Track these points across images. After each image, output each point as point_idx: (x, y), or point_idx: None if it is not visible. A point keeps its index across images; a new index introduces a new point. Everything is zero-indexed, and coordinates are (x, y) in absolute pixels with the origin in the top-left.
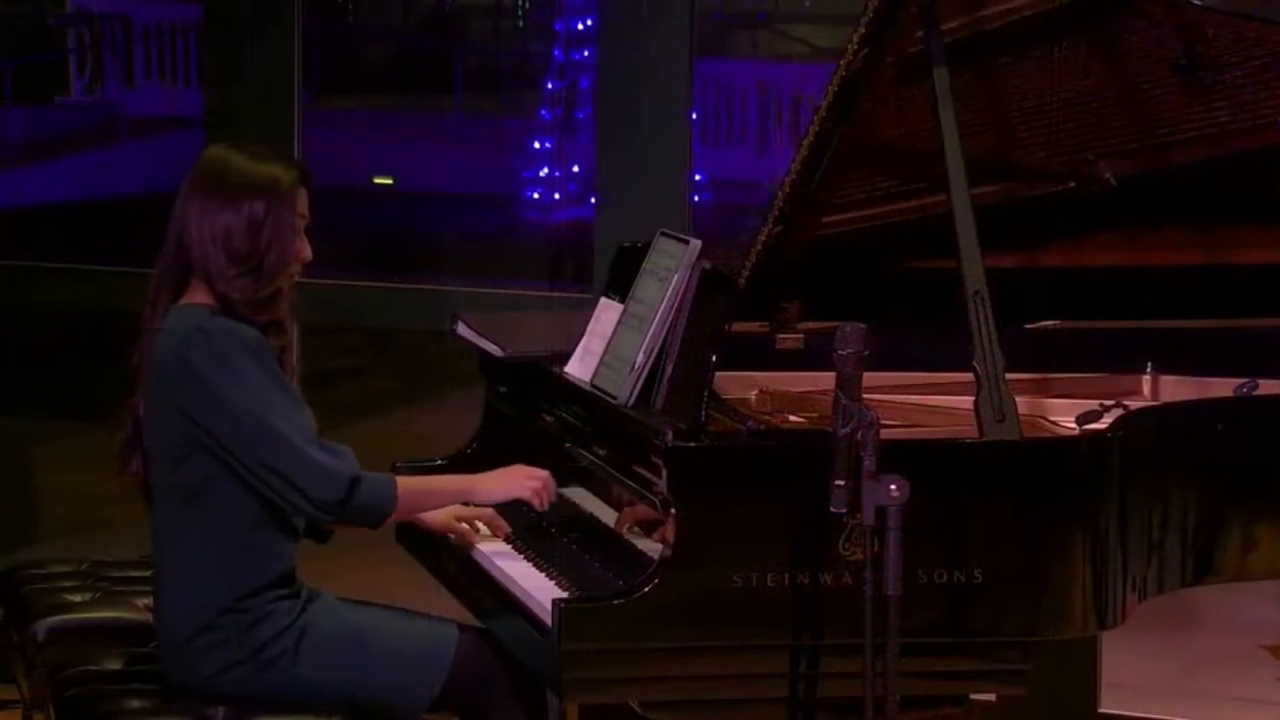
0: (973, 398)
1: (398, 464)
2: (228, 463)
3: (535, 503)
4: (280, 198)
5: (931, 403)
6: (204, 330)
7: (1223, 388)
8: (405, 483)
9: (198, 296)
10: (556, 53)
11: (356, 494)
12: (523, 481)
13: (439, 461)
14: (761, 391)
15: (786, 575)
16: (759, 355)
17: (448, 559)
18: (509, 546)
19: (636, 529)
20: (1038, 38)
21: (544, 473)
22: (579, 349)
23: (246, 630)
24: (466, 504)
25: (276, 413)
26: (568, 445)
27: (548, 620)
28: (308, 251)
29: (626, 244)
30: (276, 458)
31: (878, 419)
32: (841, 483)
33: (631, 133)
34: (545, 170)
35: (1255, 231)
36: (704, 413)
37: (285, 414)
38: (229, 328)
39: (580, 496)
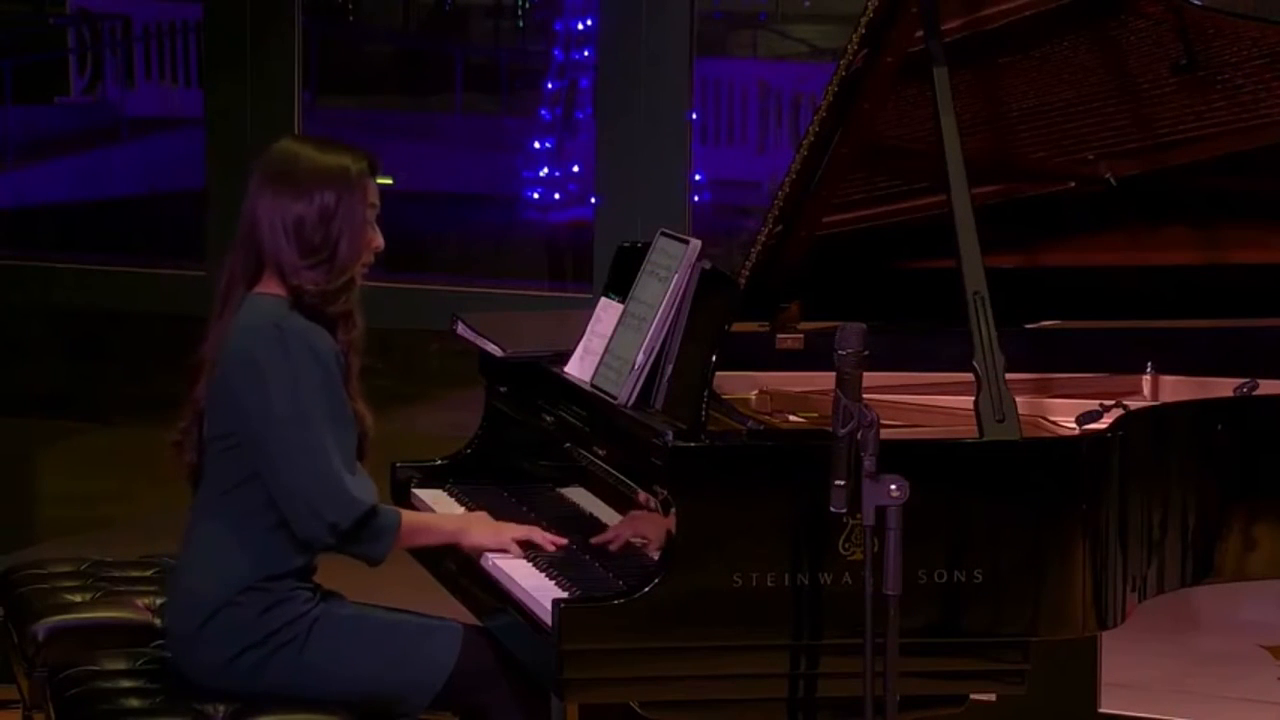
0: (973, 398)
1: (398, 464)
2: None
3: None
4: (350, 187)
5: (931, 403)
6: (280, 327)
7: (1223, 388)
8: (407, 519)
9: (271, 287)
10: (556, 53)
11: (368, 526)
12: (510, 536)
13: (439, 462)
14: (761, 391)
15: (786, 575)
16: (759, 355)
17: (448, 559)
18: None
19: (636, 529)
20: (1038, 38)
21: (532, 532)
22: (579, 349)
23: (265, 611)
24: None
25: (319, 426)
26: (568, 445)
27: (548, 620)
28: (379, 240)
29: (626, 244)
30: (299, 470)
31: (878, 419)
32: (841, 483)
33: (631, 133)
34: (545, 170)
35: (1255, 231)
36: (704, 413)
37: (328, 429)
38: (306, 330)
39: (580, 496)
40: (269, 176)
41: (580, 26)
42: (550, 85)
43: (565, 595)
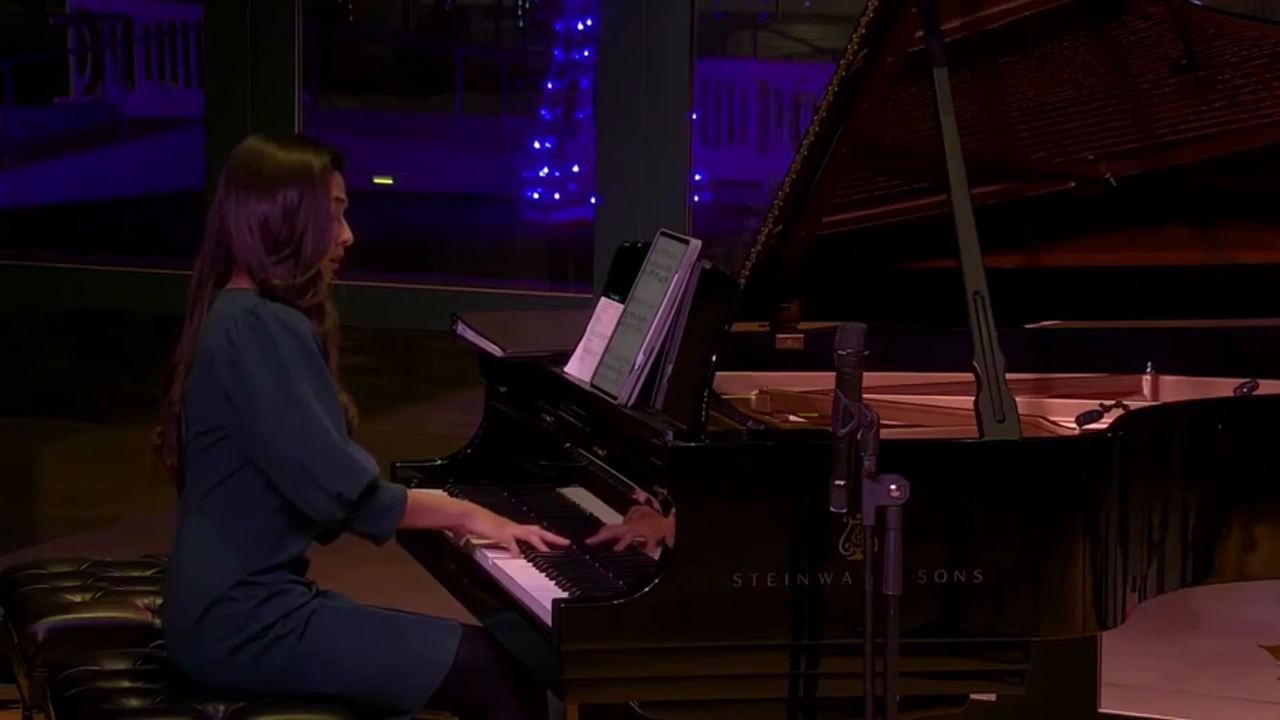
0: (973, 398)
1: (397, 464)
2: (250, 454)
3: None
4: (313, 183)
5: (931, 403)
6: (255, 313)
7: (1223, 388)
8: (413, 496)
9: (241, 283)
10: (556, 53)
11: (373, 497)
12: (511, 532)
13: (439, 462)
14: (761, 391)
15: (786, 575)
16: (759, 355)
17: (448, 559)
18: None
19: (637, 529)
20: (1038, 38)
21: (532, 533)
22: (579, 349)
23: (260, 604)
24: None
25: (310, 402)
26: (568, 445)
27: (548, 620)
28: (347, 234)
29: (626, 244)
30: (297, 446)
31: (878, 419)
32: (841, 483)
33: (631, 133)
34: (545, 170)
35: (1255, 231)
36: (704, 413)
37: (318, 405)
38: (281, 313)
39: (580, 496)
40: (234, 177)
41: (580, 26)
42: (550, 85)
43: (565, 595)
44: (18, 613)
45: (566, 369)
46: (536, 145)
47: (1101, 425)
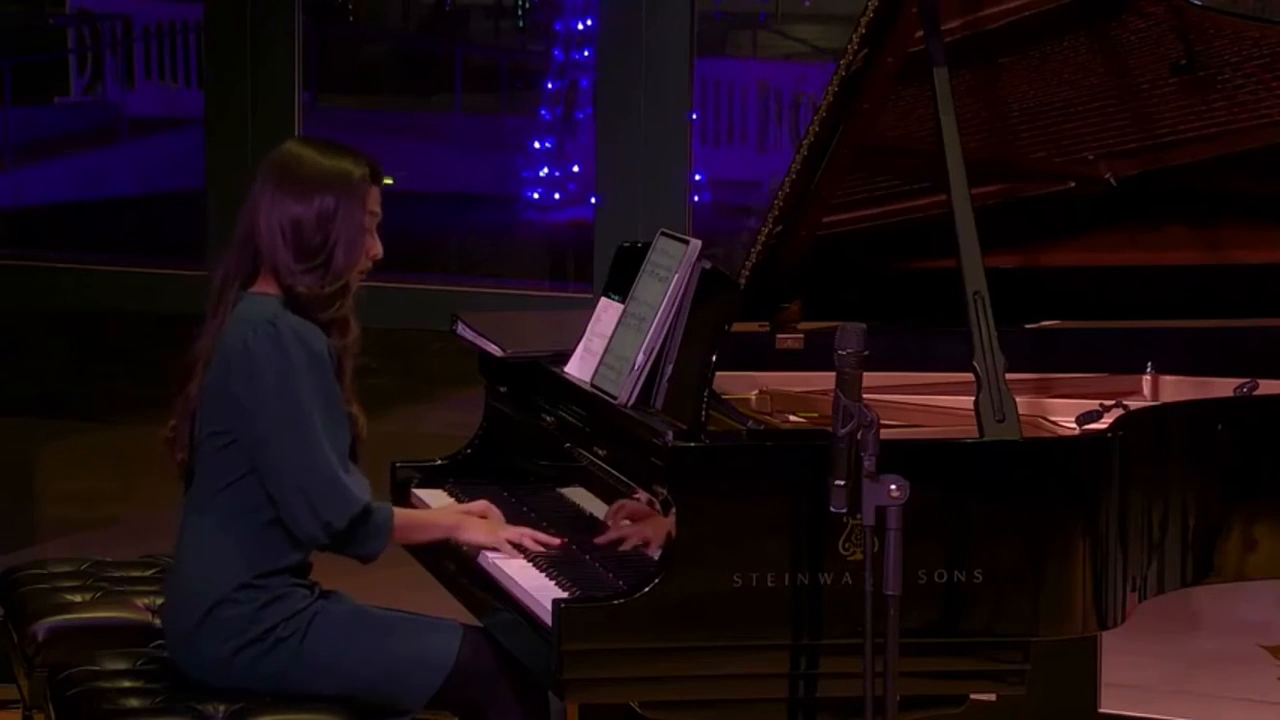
0: (973, 398)
1: (397, 464)
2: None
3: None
4: (351, 192)
5: (931, 403)
6: (274, 324)
7: (1223, 388)
8: (400, 516)
9: (267, 288)
10: (556, 53)
11: (364, 524)
12: (504, 536)
13: (438, 462)
14: (761, 391)
15: (786, 575)
16: (759, 355)
17: (448, 559)
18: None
19: (635, 529)
20: (1038, 38)
21: (525, 535)
22: (579, 349)
23: (262, 607)
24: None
25: (314, 423)
26: (568, 445)
27: (548, 620)
28: (378, 248)
29: (626, 244)
30: (294, 465)
31: (878, 419)
32: (841, 483)
33: (631, 133)
34: (545, 170)
35: (1255, 231)
36: (704, 413)
37: (323, 427)
38: (299, 328)
39: (580, 496)
40: (271, 177)
41: (580, 26)
42: (550, 85)
43: (565, 595)
44: (18, 613)
45: (566, 369)
46: (536, 145)
47: (1101, 425)
